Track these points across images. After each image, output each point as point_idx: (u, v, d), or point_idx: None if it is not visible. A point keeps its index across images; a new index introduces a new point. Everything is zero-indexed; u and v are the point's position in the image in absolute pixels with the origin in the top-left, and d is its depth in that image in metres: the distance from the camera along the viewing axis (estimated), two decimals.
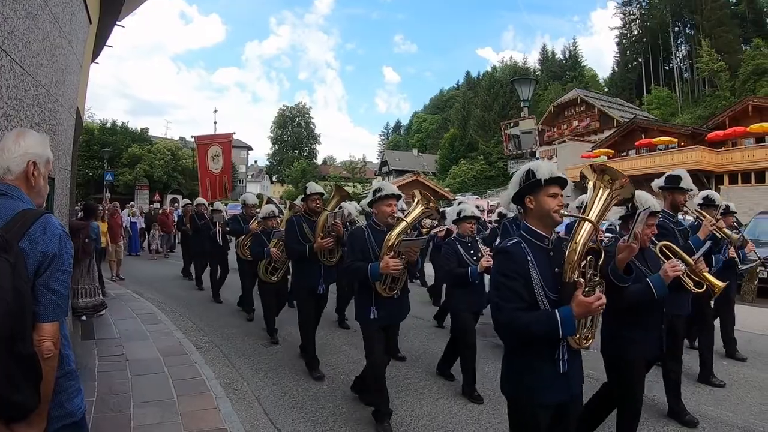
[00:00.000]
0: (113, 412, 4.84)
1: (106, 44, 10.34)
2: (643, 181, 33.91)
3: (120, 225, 14.73)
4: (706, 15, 58.56)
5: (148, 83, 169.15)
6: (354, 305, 5.15)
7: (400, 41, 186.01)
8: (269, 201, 9.93)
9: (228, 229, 11.16)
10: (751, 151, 31.69)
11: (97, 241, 9.48)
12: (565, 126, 56.57)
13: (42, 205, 2.38)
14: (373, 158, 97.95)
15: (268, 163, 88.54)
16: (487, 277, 5.28)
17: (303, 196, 6.98)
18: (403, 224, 4.86)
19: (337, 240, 6.44)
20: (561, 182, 2.95)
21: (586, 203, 3.04)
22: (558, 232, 6.08)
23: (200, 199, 14.46)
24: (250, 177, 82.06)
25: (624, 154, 40.61)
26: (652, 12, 68.15)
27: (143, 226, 22.12)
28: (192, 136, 17.22)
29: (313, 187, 6.89)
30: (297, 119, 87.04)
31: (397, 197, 4.97)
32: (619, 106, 55.99)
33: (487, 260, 5.83)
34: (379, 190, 4.98)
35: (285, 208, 9.61)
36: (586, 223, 2.88)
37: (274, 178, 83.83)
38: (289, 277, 8.01)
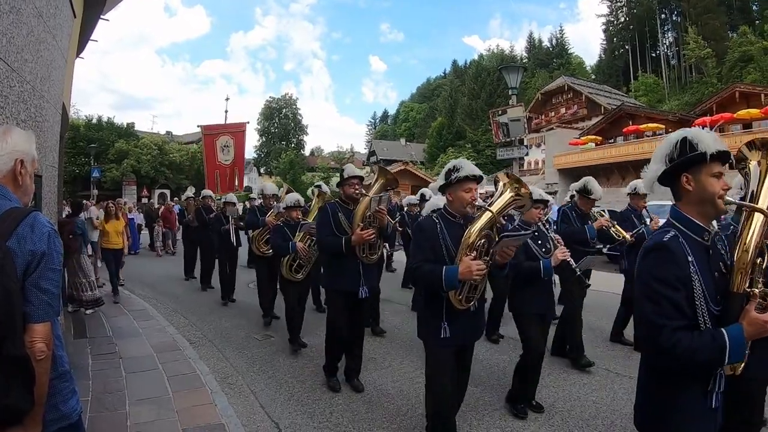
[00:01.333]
0: (109, 411, 4.81)
1: (91, 38, 10.25)
2: (631, 167, 33.78)
3: (125, 224, 13.13)
4: (693, 2, 58.86)
5: (133, 77, 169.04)
6: (418, 320, 4.08)
7: (386, 30, 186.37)
8: (290, 190, 8.91)
9: (242, 223, 10.38)
10: (738, 136, 31.78)
11: (83, 236, 9.22)
12: (553, 113, 56.69)
13: (28, 204, 2.33)
14: (361, 148, 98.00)
15: (255, 155, 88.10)
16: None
17: (339, 180, 5.82)
18: (487, 216, 3.78)
19: (380, 232, 5.55)
20: (726, 158, 2.30)
21: (753, 190, 2.39)
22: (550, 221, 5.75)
23: (207, 191, 13.30)
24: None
25: (612, 140, 40.78)
26: None
27: (140, 222, 20.90)
28: (198, 126, 16.01)
29: (351, 169, 5.79)
30: (284, 110, 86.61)
31: (479, 179, 3.90)
32: (606, 93, 56.14)
33: (563, 252, 5.04)
34: (455, 169, 3.84)
35: (315, 196, 8.56)
36: (757, 214, 2.27)
37: (262, 170, 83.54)
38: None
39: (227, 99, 51.67)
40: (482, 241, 3.74)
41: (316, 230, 5.99)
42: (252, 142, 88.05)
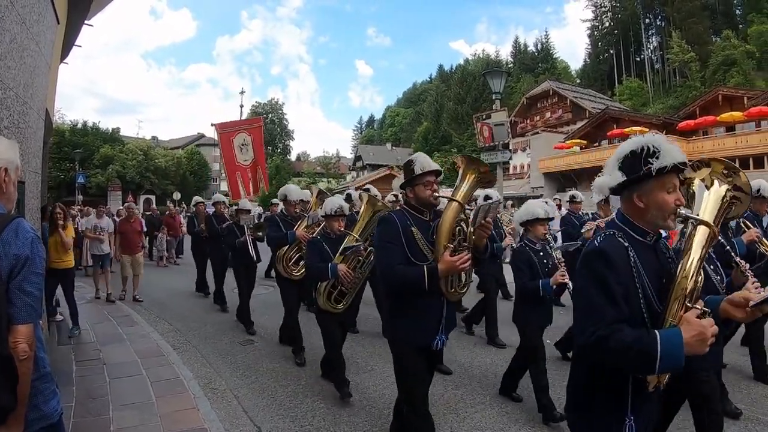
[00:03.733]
0: (92, 416, 4.82)
1: (75, 44, 10.25)
2: None
3: (139, 232, 11.71)
4: (677, 6, 59.59)
5: (118, 81, 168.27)
6: (572, 405, 2.45)
7: (373, 34, 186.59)
8: (322, 194, 7.33)
9: (260, 233, 8.38)
10: (722, 139, 32.33)
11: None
12: (538, 117, 57.01)
13: (11, 211, 2.38)
14: (347, 153, 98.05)
15: None
16: None
17: (405, 180, 3.84)
18: (703, 233, 2.31)
19: (475, 255, 3.69)
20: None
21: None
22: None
23: (218, 196, 11.63)
24: (223, 175, 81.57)
25: (596, 144, 41.09)
26: (623, 4, 69.01)
27: (145, 229, 19.03)
28: (212, 125, 13.51)
29: (425, 161, 3.74)
30: (270, 116, 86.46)
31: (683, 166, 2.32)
32: (591, 97, 56.53)
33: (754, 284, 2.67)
34: (651, 153, 2.24)
35: (364, 202, 5.99)
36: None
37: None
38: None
39: (242, 92, 46.15)
40: (700, 278, 2.28)
41: (377, 254, 3.82)
42: None
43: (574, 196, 9.64)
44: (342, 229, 5.62)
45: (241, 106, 38.55)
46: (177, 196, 46.11)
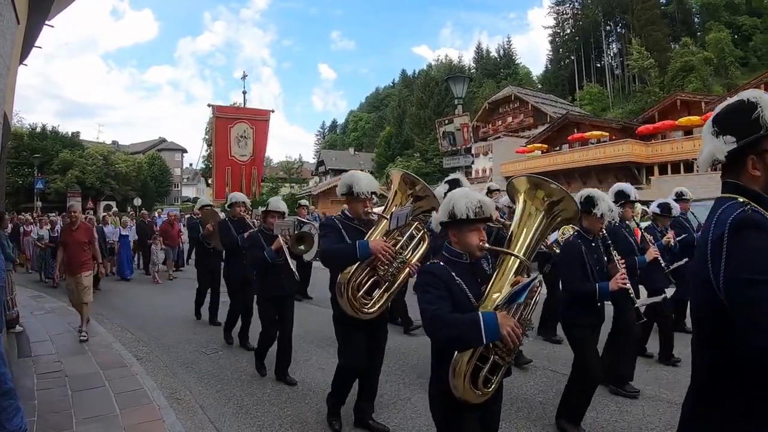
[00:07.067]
0: (56, 431, 4.73)
1: (35, 45, 10.08)
2: (576, 174, 34.62)
3: (85, 243, 8.37)
4: (637, 14, 61.17)
5: (78, 83, 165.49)
6: None
7: (337, 38, 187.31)
8: (408, 177, 4.63)
9: (302, 249, 5.97)
10: (680, 143, 33.12)
11: (3, 248, 7.66)
12: (500, 122, 57.47)
13: None
14: (310, 158, 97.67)
15: (203, 166, 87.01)
16: None
17: (746, 135, 1.74)
18: None
19: None
20: None
21: None
22: None
23: (237, 195, 8.41)
24: (185, 180, 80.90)
25: (558, 148, 41.81)
26: (585, 11, 70.34)
27: (136, 237, 16.17)
28: (209, 105, 11.84)
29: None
30: None
31: None
32: (552, 102, 57.29)
33: None
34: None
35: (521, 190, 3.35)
36: None
37: (209, 181, 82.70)
38: None
39: (244, 77, 31.86)
40: None
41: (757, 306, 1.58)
42: (199, 152, 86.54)
43: (682, 193, 7.97)
44: (486, 244, 2.95)
45: (244, 92, 33.18)
46: (138, 202, 45.56)
